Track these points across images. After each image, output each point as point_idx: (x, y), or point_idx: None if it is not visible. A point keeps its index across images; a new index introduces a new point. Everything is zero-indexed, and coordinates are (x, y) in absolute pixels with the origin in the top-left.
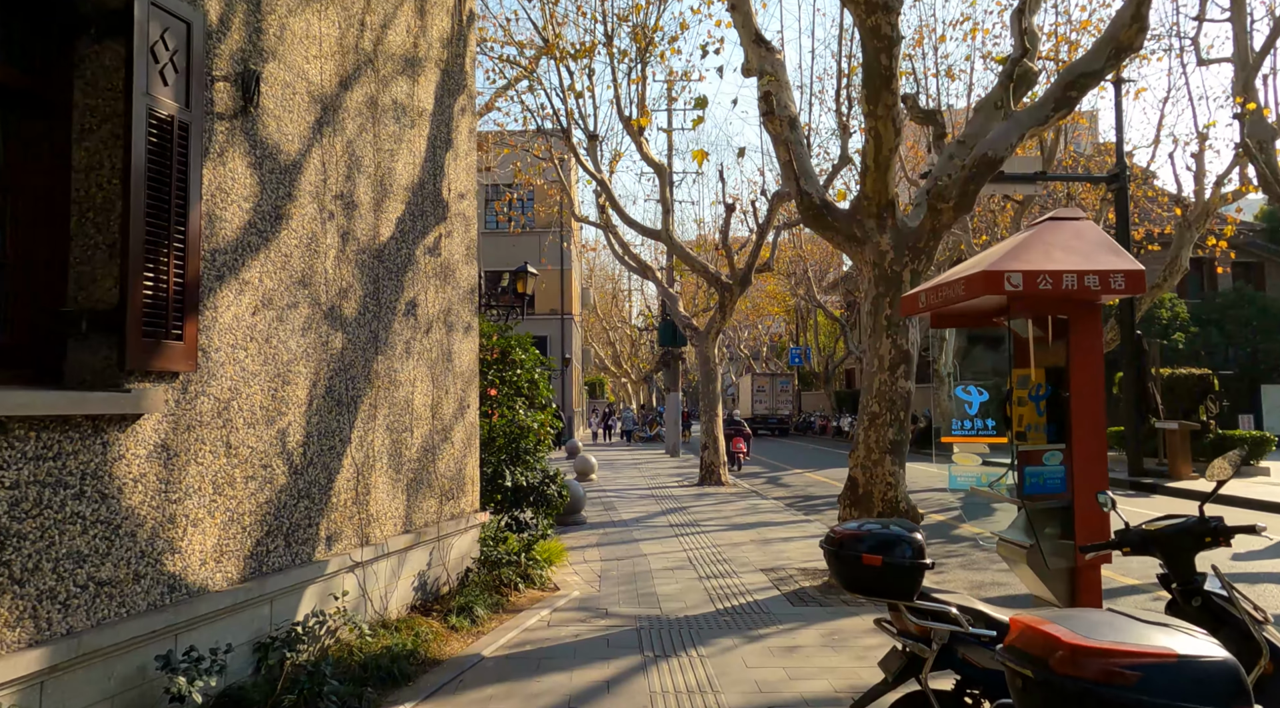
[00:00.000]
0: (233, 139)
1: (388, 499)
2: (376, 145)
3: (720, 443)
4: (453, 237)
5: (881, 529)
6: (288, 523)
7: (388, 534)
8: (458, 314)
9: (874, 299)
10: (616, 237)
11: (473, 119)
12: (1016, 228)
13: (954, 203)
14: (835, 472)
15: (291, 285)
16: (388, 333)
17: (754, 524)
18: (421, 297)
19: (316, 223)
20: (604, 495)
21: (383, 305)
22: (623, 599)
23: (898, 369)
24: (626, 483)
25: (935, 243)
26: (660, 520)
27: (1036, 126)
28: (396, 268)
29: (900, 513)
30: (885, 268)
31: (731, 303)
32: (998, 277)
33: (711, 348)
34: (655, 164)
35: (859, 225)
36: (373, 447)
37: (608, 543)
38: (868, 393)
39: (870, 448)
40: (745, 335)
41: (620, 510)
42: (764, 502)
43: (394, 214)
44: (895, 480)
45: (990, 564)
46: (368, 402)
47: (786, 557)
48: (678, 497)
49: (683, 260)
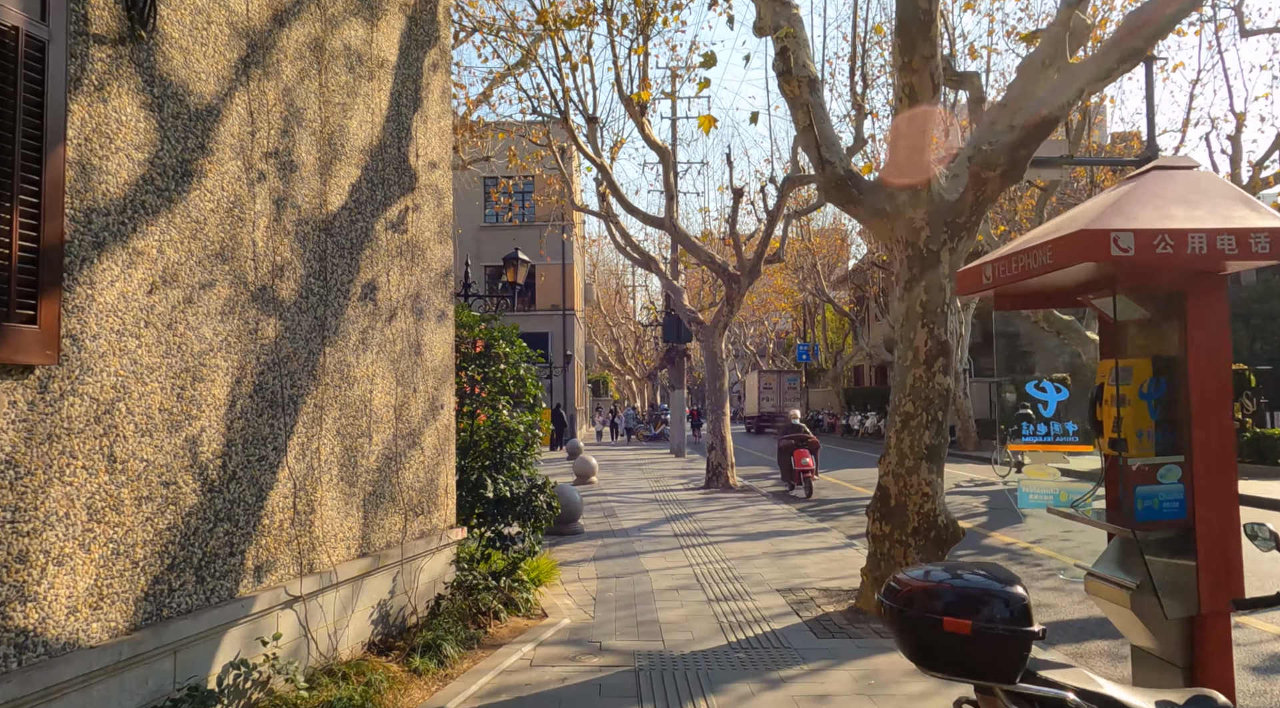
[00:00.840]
0: (118, 71)
1: (338, 518)
2: (324, 97)
3: (728, 443)
4: (422, 211)
5: (962, 579)
6: (200, 553)
7: (338, 560)
8: (429, 300)
9: (907, 283)
10: (618, 227)
11: (446, 78)
12: (1040, 216)
13: (1002, 170)
14: (848, 473)
15: (206, 259)
16: (338, 320)
17: (766, 534)
18: (382, 279)
19: (242, 184)
20: (604, 500)
21: (332, 287)
22: (620, 629)
23: (935, 363)
24: (629, 486)
25: (977, 219)
26: (664, 529)
27: (1097, 81)
28: (350, 244)
29: (938, 528)
30: (920, 247)
31: (739, 295)
32: (1101, 239)
33: (718, 343)
34: (658, 147)
35: (888, 199)
36: (318, 456)
37: (606, 556)
38: (899, 391)
39: (903, 454)
40: (751, 332)
41: (621, 517)
42: (775, 507)
43: (347, 180)
44: (932, 491)
45: (1032, 580)
46: (312, 402)
47: (805, 574)
48: (683, 501)
49: (687, 250)
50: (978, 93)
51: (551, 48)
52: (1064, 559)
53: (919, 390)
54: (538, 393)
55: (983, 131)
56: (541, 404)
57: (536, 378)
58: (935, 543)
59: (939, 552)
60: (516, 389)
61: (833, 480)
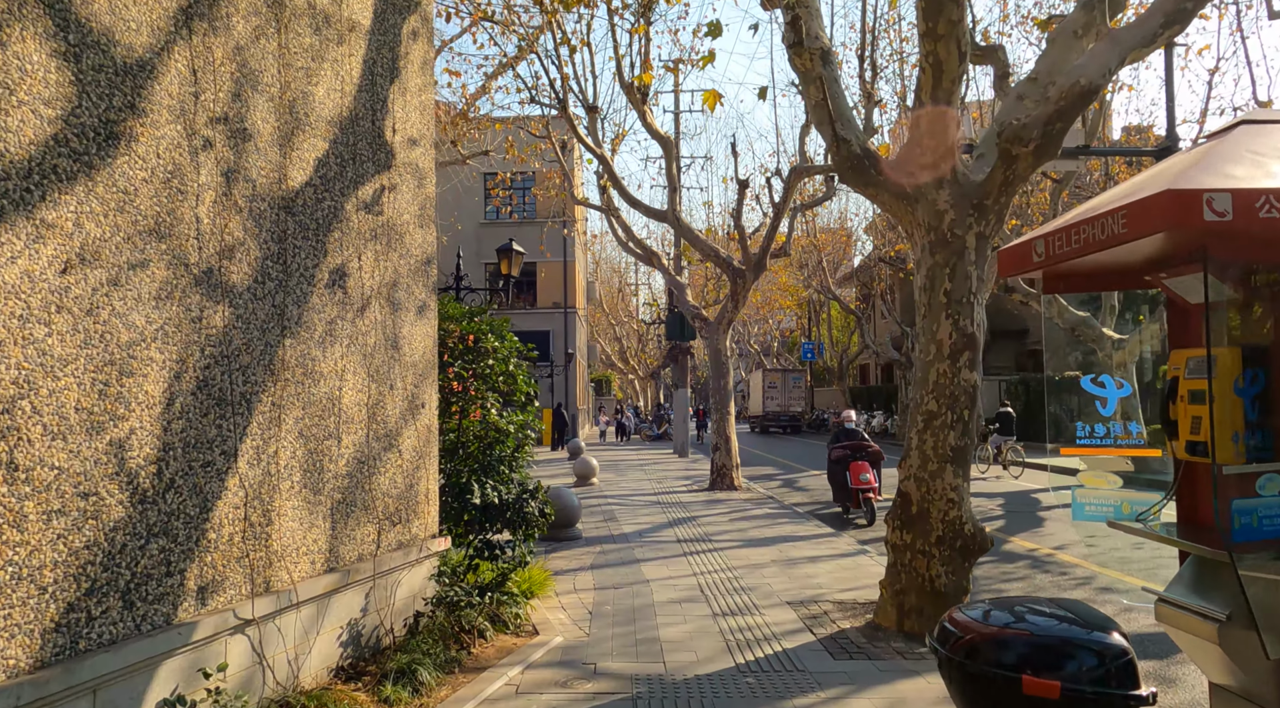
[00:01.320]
0: (21, 11)
1: (301, 530)
2: (284, 60)
3: (733, 444)
4: (400, 192)
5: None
6: (128, 575)
7: (300, 576)
8: (408, 290)
9: (929, 271)
10: (620, 221)
11: (427, 48)
12: (1055, 210)
13: (1035, 146)
14: None
15: (137, 236)
16: (301, 309)
17: (774, 539)
18: (354, 264)
19: (182, 152)
20: (605, 503)
21: (293, 272)
22: (617, 648)
23: (960, 357)
24: (630, 487)
25: (1006, 200)
26: (666, 534)
27: (1140, 47)
28: (315, 225)
29: (964, 537)
30: (943, 231)
31: (744, 291)
32: (1191, 201)
33: (723, 340)
34: (660, 137)
35: (910, 180)
36: (276, 460)
37: (605, 564)
38: (921, 387)
39: (926, 456)
40: (756, 330)
41: (622, 521)
42: (783, 510)
43: (311, 153)
44: (958, 496)
45: (1060, 590)
46: (269, 400)
47: (817, 585)
48: (686, 504)
49: (691, 244)
50: (1002, 68)
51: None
52: (1091, 567)
53: (942, 387)
54: (530, 391)
55: (1010, 107)
56: (534, 403)
57: (528, 375)
58: (961, 553)
59: (965, 563)
60: (507, 387)
61: None
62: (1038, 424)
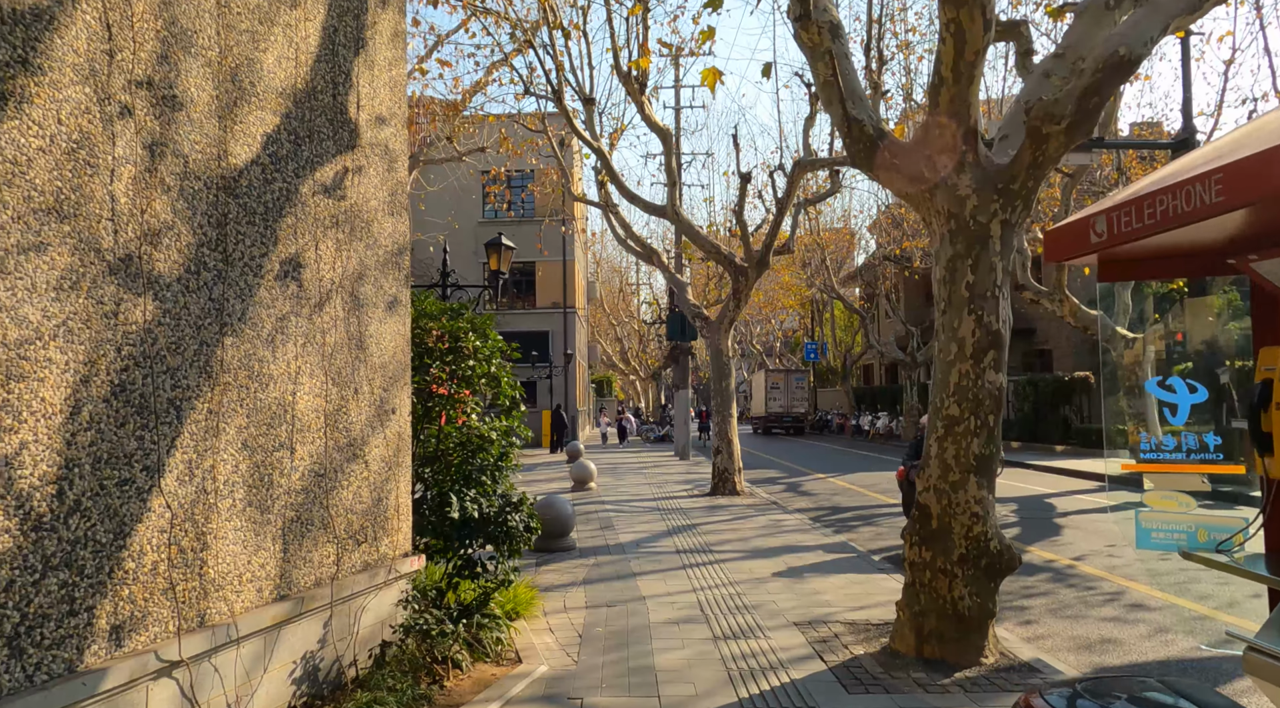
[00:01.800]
0: None
1: (245, 554)
2: (224, 21)
3: (735, 447)
4: (366, 175)
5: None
6: (16, 616)
7: (244, 606)
8: (376, 283)
9: (949, 262)
10: (618, 218)
11: (398, 19)
12: (1066, 207)
13: (1068, 122)
14: (861, 477)
15: (30, 215)
16: (245, 304)
17: (778, 549)
18: (310, 255)
19: (92, 119)
20: (602, 509)
21: (235, 262)
22: (608, 680)
23: (984, 357)
24: (629, 492)
25: (1034, 184)
26: (665, 544)
27: (1185, 14)
28: (264, 209)
29: (990, 555)
30: (965, 219)
31: (747, 289)
32: None
33: (724, 340)
34: (660, 129)
35: (928, 163)
36: (214, 476)
37: (599, 579)
38: (941, 390)
39: (947, 466)
40: (758, 330)
41: (619, 530)
42: (787, 517)
43: (259, 128)
44: (983, 510)
45: (1086, 608)
46: (204, 407)
47: (826, 602)
48: (686, 510)
49: (691, 241)
50: (1025, 45)
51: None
52: (1117, 580)
53: (965, 390)
54: (515, 394)
55: (1035, 86)
56: (521, 407)
57: (514, 377)
58: (987, 573)
59: (991, 583)
60: (490, 390)
61: (845, 485)
62: (1046, 426)
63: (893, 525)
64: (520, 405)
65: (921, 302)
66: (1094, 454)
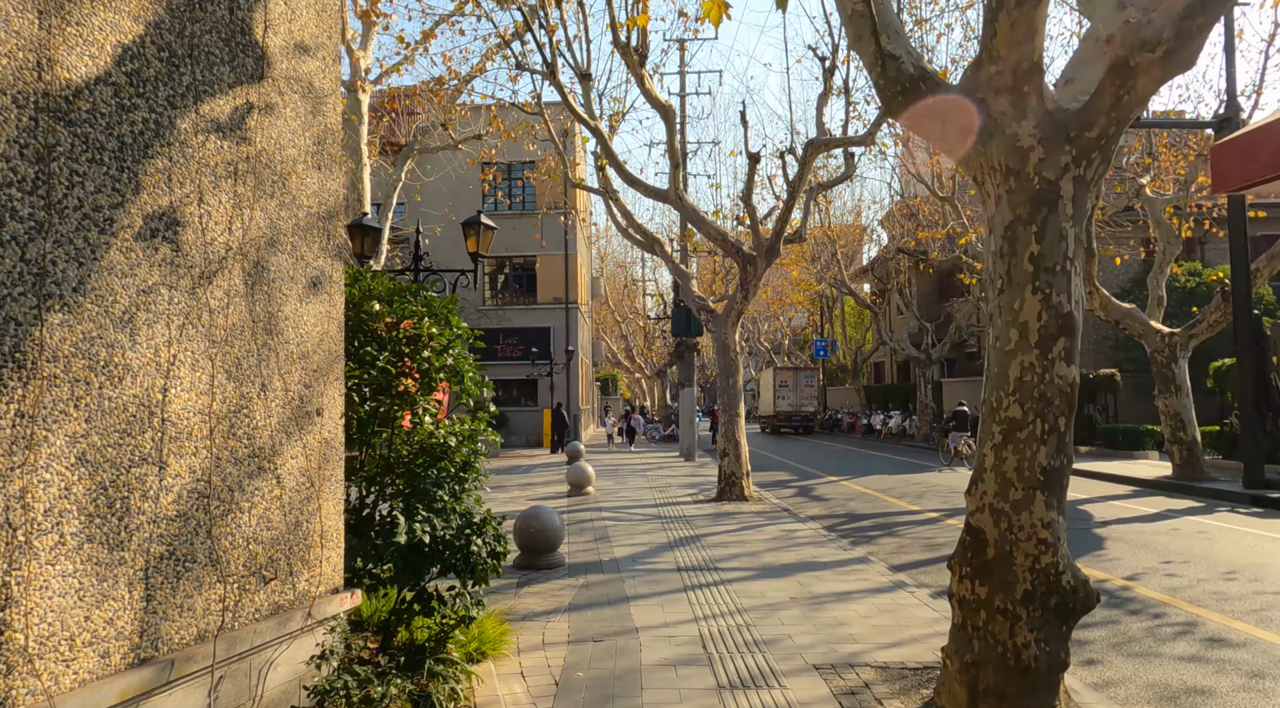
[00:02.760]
0: None
1: (80, 608)
2: None
3: (743, 449)
4: (281, 116)
5: None
6: None
7: (77, 680)
8: (295, 254)
9: (1008, 230)
10: (618, 205)
11: None
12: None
13: (1165, 49)
14: (877, 480)
15: None
16: (86, 269)
17: (792, 566)
18: (192, 210)
19: None
20: (598, 517)
21: (65, 211)
22: None
23: (1054, 346)
24: (629, 497)
25: (1117, 132)
26: (665, 560)
27: None
28: (117, 144)
29: (1062, 592)
30: (1029, 175)
31: (755, 279)
32: None
33: (731, 335)
34: (661, 105)
35: (981, 107)
36: (27, 505)
37: (586, 604)
38: (998, 386)
39: (1006, 480)
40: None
41: (614, 542)
42: (800, 526)
43: (110, 35)
44: (1053, 535)
45: (1157, 643)
46: (11, 409)
47: (850, 637)
48: (690, 519)
49: (696, 227)
50: None
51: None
52: (1185, 607)
53: (1029, 386)
54: (479, 393)
55: (1112, 13)
56: (489, 408)
57: (480, 372)
58: (1058, 615)
59: (1063, 627)
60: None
61: (860, 489)
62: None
63: (916, 536)
64: (489, 406)
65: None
66: (1121, 455)
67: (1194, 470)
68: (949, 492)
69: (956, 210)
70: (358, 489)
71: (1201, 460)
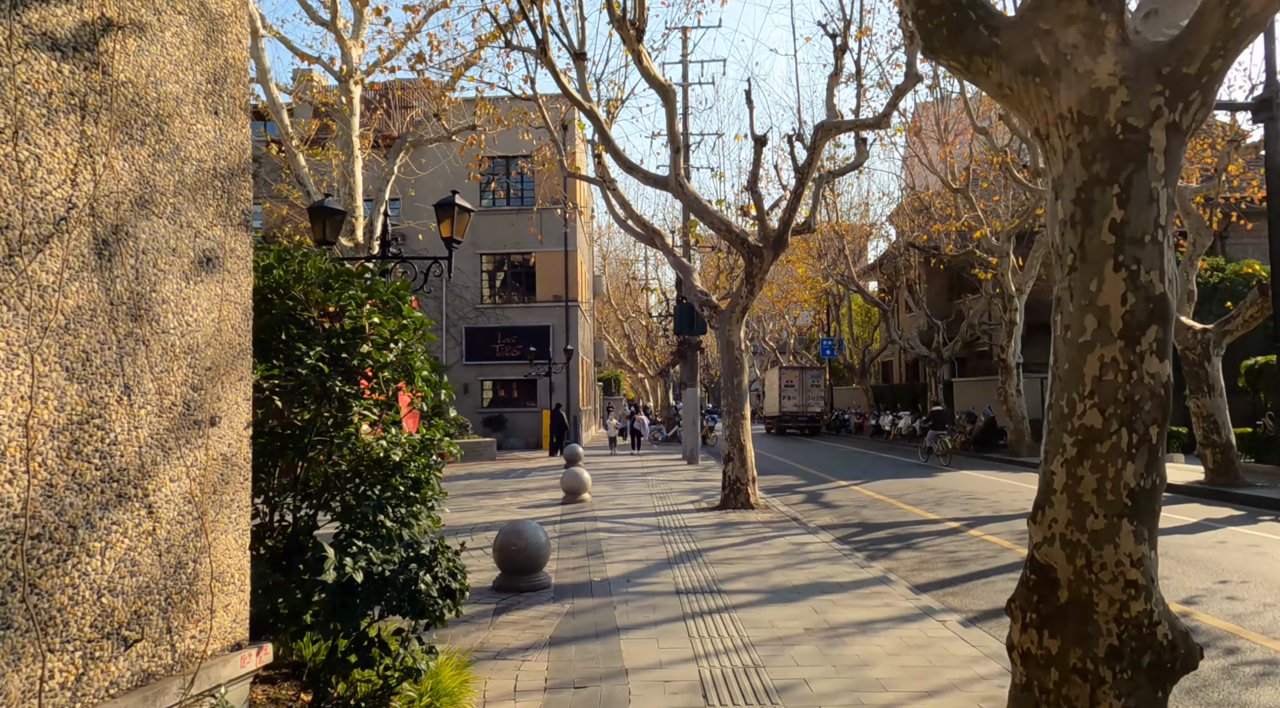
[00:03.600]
0: None
1: None
2: None
3: (748, 453)
4: (156, 42)
5: None
6: None
7: None
8: (180, 219)
9: (1081, 192)
10: (616, 194)
11: None
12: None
13: None
14: (888, 485)
15: None
16: None
17: (804, 588)
18: (5, 150)
19: None
20: (592, 528)
21: None
22: None
23: (1142, 336)
24: (628, 504)
25: (1223, 66)
26: (663, 580)
27: None
28: None
29: (1158, 648)
30: (1108, 123)
31: (761, 272)
32: None
33: (736, 331)
34: (661, 85)
35: (1044, 41)
36: None
37: (569, 637)
38: (1069, 387)
39: (1083, 505)
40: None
41: (607, 558)
42: (811, 539)
43: None
44: (1144, 575)
45: (1240, 687)
46: None
47: (877, 681)
48: (692, 530)
49: (699, 217)
50: None
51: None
52: (1257, 639)
53: (1111, 387)
54: (439, 394)
55: None
56: (448, 408)
57: (436, 367)
58: (1152, 676)
59: (1158, 692)
60: (392, 389)
61: (872, 495)
62: None
63: (937, 550)
64: (449, 410)
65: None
66: None
67: (1230, 475)
68: (967, 498)
69: (971, 203)
70: (292, 510)
71: (1237, 465)
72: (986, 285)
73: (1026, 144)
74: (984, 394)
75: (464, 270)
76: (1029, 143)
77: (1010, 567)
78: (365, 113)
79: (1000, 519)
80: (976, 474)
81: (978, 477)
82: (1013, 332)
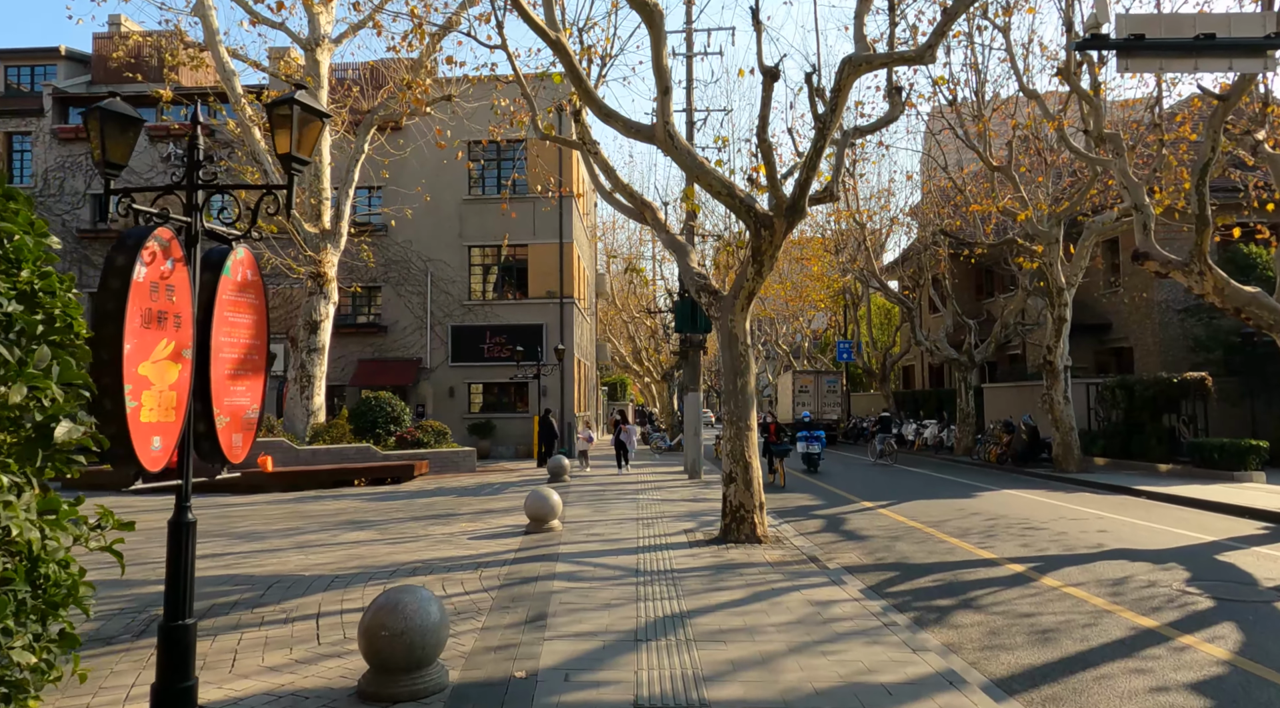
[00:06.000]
0: None
1: None
2: None
3: (755, 473)
4: None
5: None
6: None
7: None
8: None
9: None
10: (598, 158)
11: None
12: (1213, 146)
13: None
14: (922, 507)
15: None
16: None
17: (833, 694)
18: None
19: None
20: (549, 573)
21: None
22: None
23: None
24: (605, 534)
25: None
26: (619, 678)
27: None
28: None
29: None
30: None
31: (772, 248)
32: None
33: (740, 321)
34: (643, 3)
35: None
36: None
37: None
38: None
39: None
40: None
41: (551, 629)
42: (836, 594)
43: None
44: None
45: None
46: None
47: None
48: (679, 577)
49: (695, 178)
50: None
51: None
52: None
53: None
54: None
55: None
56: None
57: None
58: None
59: None
60: None
61: (905, 521)
62: (1143, 439)
63: (1006, 609)
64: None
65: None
66: (1220, 477)
67: None
68: (1023, 527)
69: (1014, 182)
70: None
71: None
72: (1023, 280)
73: (1091, 105)
74: (1020, 401)
75: (450, 264)
76: (1094, 104)
77: (1122, 645)
78: (339, 89)
79: (1076, 560)
80: (1021, 494)
81: (1024, 497)
82: (1062, 329)
